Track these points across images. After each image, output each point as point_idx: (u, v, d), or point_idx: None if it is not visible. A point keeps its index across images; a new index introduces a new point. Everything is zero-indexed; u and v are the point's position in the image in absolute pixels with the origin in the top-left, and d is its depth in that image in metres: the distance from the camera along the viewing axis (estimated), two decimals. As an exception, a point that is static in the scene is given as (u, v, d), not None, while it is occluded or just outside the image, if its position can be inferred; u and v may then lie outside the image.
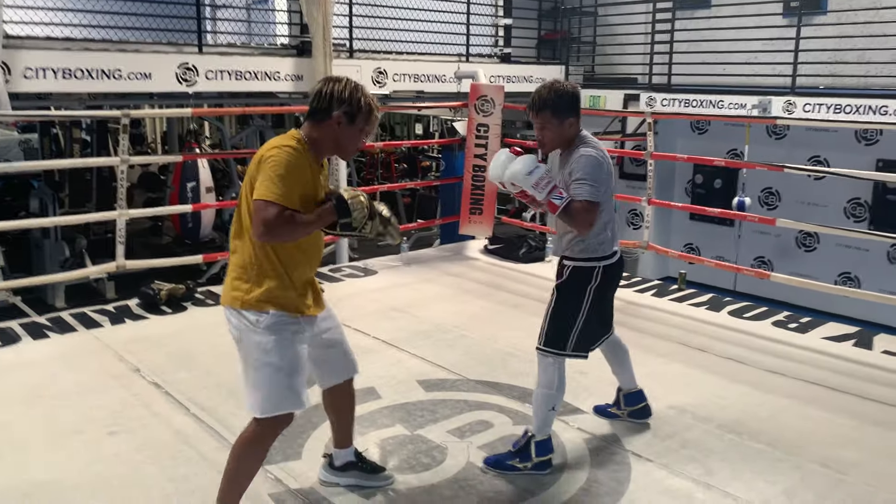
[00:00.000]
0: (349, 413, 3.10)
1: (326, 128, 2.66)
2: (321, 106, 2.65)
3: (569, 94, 3.15)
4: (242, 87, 6.99)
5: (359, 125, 2.69)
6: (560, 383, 3.22)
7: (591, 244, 3.19)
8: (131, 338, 4.85)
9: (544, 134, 3.18)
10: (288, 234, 2.57)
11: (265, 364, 2.62)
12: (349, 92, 2.66)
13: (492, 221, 7.23)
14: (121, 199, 5.57)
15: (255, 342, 2.62)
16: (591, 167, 3.05)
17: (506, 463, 3.25)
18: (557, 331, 3.21)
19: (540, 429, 3.24)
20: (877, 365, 4.58)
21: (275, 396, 2.63)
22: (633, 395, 3.68)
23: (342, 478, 3.15)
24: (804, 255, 9.06)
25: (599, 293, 3.22)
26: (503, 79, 8.80)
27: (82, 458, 3.36)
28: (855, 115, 7.31)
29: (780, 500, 3.10)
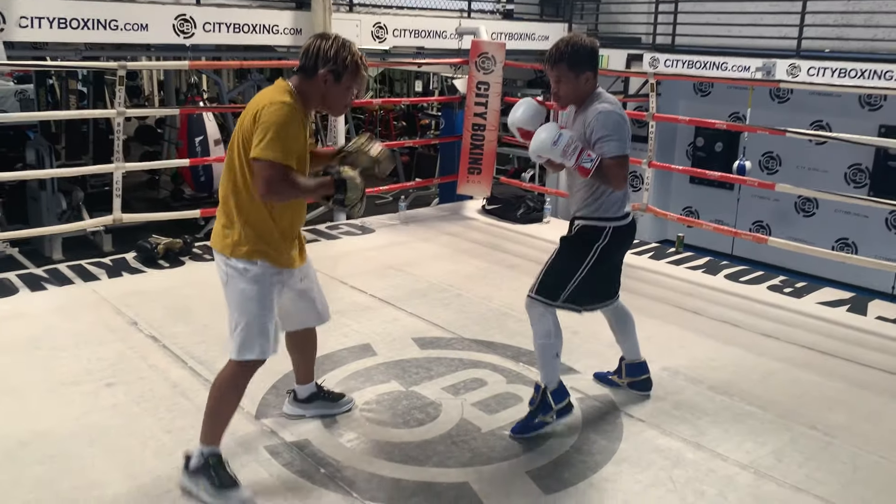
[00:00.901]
0: (312, 353, 3.28)
1: (314, 84, 2.71)
2: (308, 63, 2.70)
3: (587, 48, 3.11)
4: (240, 41, 6.90)
5: (345, 83, 2.73)
6: (556, 330, 3.23)
7: (604, 203, 3.16)
8: (129, 291, 4.87)
9: (560, 87, 3.14)
10: (288, 195, 2.67)
11: (245, 311, 2.76)
12: (335, 50, 2.68)
13: (490, 181, 7.20)
14: (117, 152, 5.53)
15: (239, 289, 2.76)
16: (612, 122, 3.04)
17: (532, 423, 3.25)
18: (553, 282, 3.21)
19: (549, 378, 3.25)
20: (870, 330, 4.61)
21: (250, 342, 2.77)
22: (635, 365, 3.63)
23: (307, 409, 3.34)
24: (802, 221, 9.05)
25: (606, 254, 3.20)
26: (505, 36, 8.68)
27: (79, 408, 3.39)
28: (860, 80, 7.23)
29: (769, 460, 3.15)
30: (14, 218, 8.53)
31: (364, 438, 3.21)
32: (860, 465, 3.15)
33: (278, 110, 2.58)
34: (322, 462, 3.03)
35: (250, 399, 3.48)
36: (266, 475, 2.93)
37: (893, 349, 4.34)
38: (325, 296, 3.19)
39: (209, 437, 2.80)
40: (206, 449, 2.78)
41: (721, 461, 3.13)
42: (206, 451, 2.78)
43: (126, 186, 5.94)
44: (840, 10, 8.07)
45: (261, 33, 6.94)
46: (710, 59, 8.29)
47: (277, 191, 2.60)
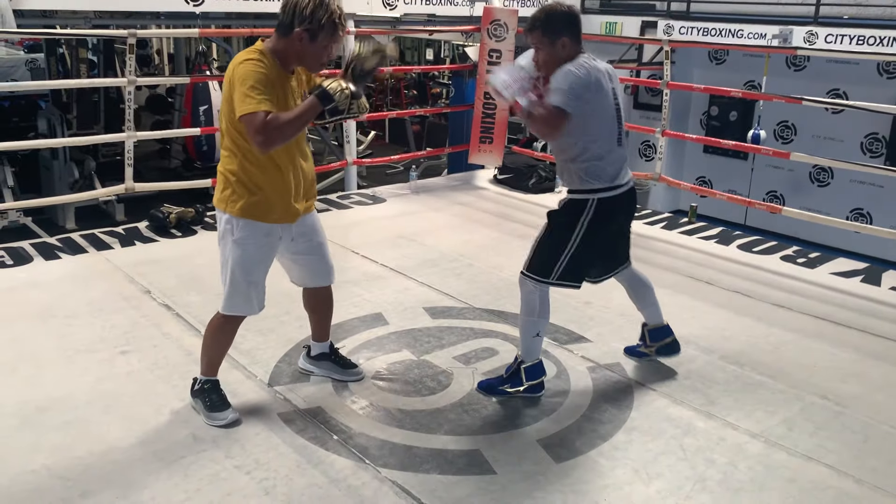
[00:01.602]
0: (326, 313, 3.36)
1: (290, 42, 2.72)
2: (286, 20, 2.70)
3: (562, 13, 3.08)
4: (250, 8, 6.82)
5: (321, 42, 2.73)
6: (542, 309, 3.22)
7: (582, 174, 3.10)
8: (141, 260, 4.89)
9: (538, 55, 3.11)
10: (282, 135, 2.67)
11: (231, 269, 2.91)
12: (312, 8, 2.66)
13: (502, 151, 7.16)
14: (129, 121, 5.53)
15: (227, 248, 2.90)
16: (567, 80, 2.97)
17: (497, 388, 3.32)
18: (543, 260, 3.19)
19: (527, 354, 3.28)
20: (884, 301, 4.58)
21: (234, 298, 2.97)
22: (657, 330, 3.59)
23: (317, 367, 3.44)
24: (817, 191, 8.95)
25: (595, 226, 3.12)
26: (517, 2, 8.56)
27: (95, 375, 3.43)
28: (878, 47, 7.09)
29: (780, 430, 3.15)
30: (27, 187, 8.56)
31: (376, 406, 3.24)
32: (871, 435, 3.15)
33: (245, 66, 2.64)
34: (335, 429, 3.06)
35: (263, 367, 3.52)
36: (279, 441, 2.96)
37: (907, 320, 4.31)
38: (334, 262, 3.22)
39: (205, 368, 3.11)
40: (203, 377, 3.11)
41: (731, 430, 3.14)
42: (202, 379, 3.11)
43: (138, 156, 5.94)
44: (860, -25, 7.90)
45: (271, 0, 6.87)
46: (725, 26, 8.13)
47: (271, 135, 2.61)
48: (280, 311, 4.09)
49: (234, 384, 3.37)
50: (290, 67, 2.80)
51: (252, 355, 3.64)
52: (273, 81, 2.68)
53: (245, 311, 3.02)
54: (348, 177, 7.44)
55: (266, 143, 2.62)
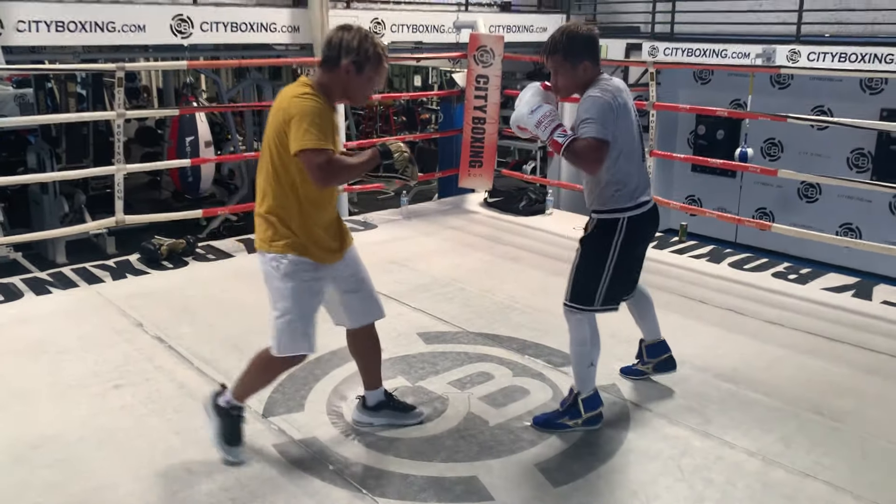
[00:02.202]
0: (374, 355, 3.24)
1: (336, 76, 2.76)
2: (331, 54, 2.75)
3: (582, 36, 3.05)
4: (238, 39, 6.90)
5: (367, 74, 2.78)
6: (593, 338, 3.17)
7: (611, 194, 3.09)
8: (133, 293, 4.87)
9: (557, 78, 3.10)
10: (341, 177, 2.77)
11: (281, 309, 2.84)
12: (358, 41, 2.73)
13: (491, 174, 7.19)
14: (118, 154, 5.53)
15: (275, 287, 2.86)
16: (595, 107, 2.95)
17: (556, 422, 3.22)
18: (584, 287, 3.15)
19: (583, 385, 3.19)
20: (876, 315, 4.60)
21: (287, 339, 2.85)
22: (655, 346, 3.59)
23: (375, 417, 3.28)
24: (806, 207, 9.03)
25: (626, 246, 3.12)
26: (503, 28, 8.67)
27: (87, 410, 3.40)
28: (860, 64, 7.20)
29: (777, 447, 3.15)
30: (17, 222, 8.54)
31: (372, 435, 3.22)
32: (868, 451, 3.15)
33: (304, 101, 2.66)
34: (330, 459, 3.03)
35: (257, 398, 3.49)
36: (275, 473, 2.93)
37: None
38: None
39: (239, 393, 2.99)
40: (234, 401, 2.98)
41: (729, 449, 3.13)
42: (234, 403, 2.98)
43: (128, 188, 5.94)
44: (839, -7, 8.04)
45: (258, 32, 6.94)
46: (709, 46, 8.26)
47: (331, 173, 2.66)
48: (273, 341, 4.08)
49: (228, 416, 3.34)
50: (333, 102, 2.82)
51: (246, 386, 3.61)
52: (328, 117, 2.72)
53: (302, 349, 2.88)
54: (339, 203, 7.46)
55: (326, 180, 2.68)
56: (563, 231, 6.40)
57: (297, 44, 7.32)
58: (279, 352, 2.87)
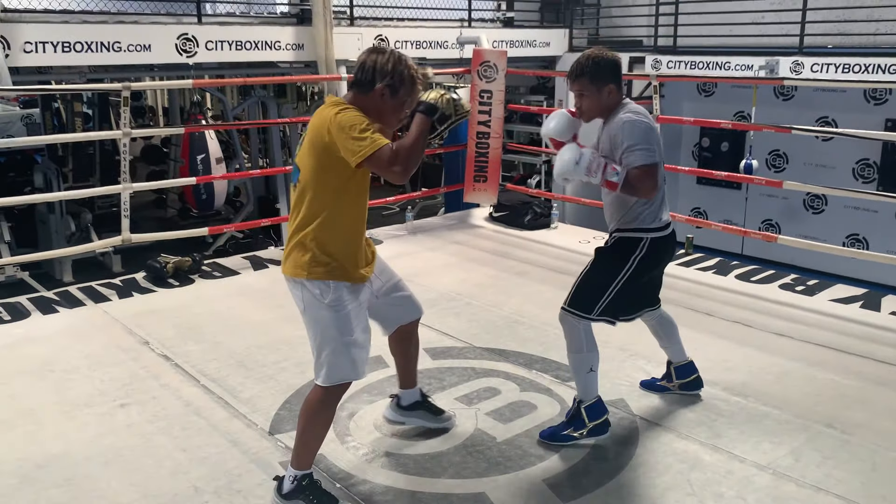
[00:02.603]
0: (415, 354, 3.24)
1: (370, 99, 2.70)
2: (365, 78, 2.69)
3: (608, 61, 3.11)
4: (243, 58, 6.93)
5: (402, 97, 2.72)
6: (589, 343, 3.18)
7: (638, 213, 3.12)
8: (139, 311, 4.88)
9: (582, 101, 3.14)
10: (415, 159, 2.62)
11: (329, 338, 2.72)
12: (392, 64, 2.68)
13: (496, 188, 7.20)
14: (124, 173, 5.56)
15: (319, 316, 2.73)
16: (637, 131, 3.00)
17: (561, 434, 3.21)
18: (587, 295, 3.17)
19: (584, 393, 3.19)
20: (884, 326, 4.57)
21: (337, 368, 2.74)
22: (683, 367, 3.61)
23: (408, 417, 3.32)
24: (812, 218, 9.01)
25: (644, 265, 3.15)
26: (506, 44, 8.69)
27: (94, 429, 3.40)
28: (864, 75, 7.20)
29: (787, 461, 3.12)
30: (24, 242, 8.58)
31: (379, 451, 3.20)
32: (879, 463, 3.12)
33: (345, 114, 2.60)
34: (337, 477, 3.02)
35: (264, 415, 3.49)
36: (282, 491, 2.92)
37: (909, 344, 4.30)
38: None
39: (300, 460, 2.80)
40: (299, 472, 2.78)
41: (739, 463, 3.11)
42: (299, 475, 2.78)
43: (134, 206, 5.96)
44: (841, 5, 8.04)
45: (263, 50, 6.97)
46: (712, 58, 8.27)
47: (407, 163, 2.57)
48: (280, 358, 4.08)
49: (234, 433, 3.34)
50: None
51: (252, 404, 3.61)
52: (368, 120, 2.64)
53: (351, 377, 2.78)
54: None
55: (405, 171, 2.59)
56: (569, 245, 6.39)
57: (302, 61, 7.36)
58: (330, 381, 2.74)
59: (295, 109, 10.59)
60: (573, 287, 3.22)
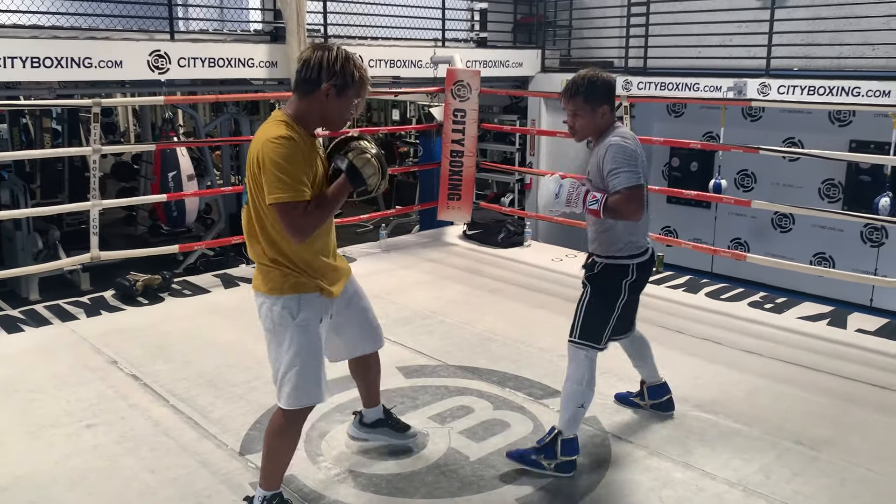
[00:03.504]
0: (376, 376, 3.23)
1: (314, 100, 2.57)
2: (310, 76, 2.55)
3: (604, 81, 3.15)
4: (216, 75, 6.90)
5: (349, 97, 2.60)
6: (591, 379, 3.16)
7: (625, 243, 3.15)
8: (108, 330, 4.80)
9: (576, 121, 3.17)
10: (316, 225, 2.57)
11: (299, 355, 2.65)
12: (341, 63, 2.54)
13: (470, 207, 7.22)
14: (94, 189, 5.49)
15: (287, 336, 2.65)
16: (620, 154, 3.01)
17: (530, 458, 3.17)
18: (592, 325, 3.18)
19: (568, 426, 3.15)
20: (851, 343, 4.65)
21: (301, 390, 2.67)
22: (656, 388, 3.66)
23: (372, 434, 3.30)
24: (780, 237, 9.15)
25: (634, 288, 3.22)
26: (479, 63, 8.77)
27: (60, 451, 3.33)
28: (828, 97, 7.36)
29: (757, 477, 3.15)
30: (-11, 259, 8.42)
31: (351, 471, 3.18)
32: (847, 479, 3.16)
33: (275, 147, 2.46)
34: (308, 497, 2.98)
35: (234, 435, 3.44)
36: (252, 513, 2.88)
37: (874, 361, 4.38)
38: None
39: (268, 481, 2.76)
40: (268, 493, 2.75)
41: (710, 480, 3.13)
42: (268, 495, 2.74)
43: (103, 223, 5.89)
44: (806, 29, 8.23)
45: (236, 67, 6.95)
46: (682, 80, 8.40)
47: (303, 228, 2.52)
48: (250, 377, 4.04)
49: (204, 454, 3.29)
50: (312, 130, 2.65)
51: (222, 423, 3.56)
52: (303, 155, 2.52)
53: (318, 399, 2.72)
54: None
55: (299, 236, 2.52)
56: (542, 263, 6.43)
57: (275, 78, 7.35)
58: (296, 404, 2.67)
59: (268, 127, 10.56)
60: (577, 319, 3.21)
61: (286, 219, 2.48)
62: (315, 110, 2.58)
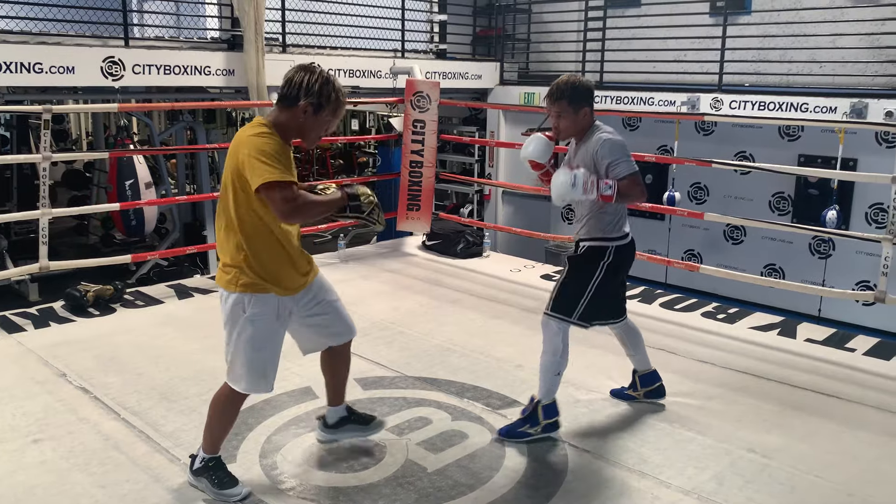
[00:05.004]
0: (344, 373, 3.33)
1: (293, 114, 2.80)
2: (290, 93, 2.79)
3: (584, 85, 3.41)
4: (171, 82, 6.80)
5: (324, 116, 2.83)
6: (564, 349, 3.41)
7: (607, 224, 3.41)
8: (57, 341, 4.68)
9: (560, 122, 3.41)
10: (306, 213, 2.78)
11: (240, 350, 2.88)
12: (319, 84, 2.78)
13: (429, 217, 7.23)
14: (43, 198, 5.36)
15: (238, 325, 2.86)
16: (617, 147, 3.31)
17: (517, 430, 3.43)
18: (567, 298, 3.42)
19: (546, 394, 3.41)
20: (800, 353, 4.76)
21: (248, 379, 2.91)
22: (647, 375, 3.87)
23: (339, 434, 3.39)
24: (732, 248, 9.33)
25: (611, 271, 3.44)
26: (439, 75, 8.81)
27: (4, 467, 3.22)
28: (778, 112, 7.57)
29: (711, 485, 3.20)
30: (-68, 269, 8.14)
31: (308, 485, 3.14)
32: (797, 486, 3.22)
33: (260, 139, 2.70)
34: (264, 511, 2.94)
35: (187, 449, 3.37)
36: (206, 528, 2.82)
37: (822, 370, 4.49)
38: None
39: (208, 445, 3.02)
40: (206, 455, 3.01)
41: (665, 488, 3.17)
42: (206, 457, 3.01)
43: (53, 233, 5.75)
44: (757, 46, 8.46)
45: (192, 75, 6.86)
46: (637, 94, 8.56)
47: (296, 207, 2.69)
48: (204, 389, 3.96)
49: (156, 469, 3.22)
50: (289, 139, 2.86)
51: (175, 437, 3.49)
52: (284, 153, 2.76)
53: (261, 389, 2.98)
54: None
55: (291, 214, 2.69)
56: (501, 273, 6.46)
57: (232, 87, 7.28)
58: (235, 384, 2.92)
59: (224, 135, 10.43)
60: (553, 293, 3.46)
61: (278, 196, 2.65)
62: (292, 123, 2.81)
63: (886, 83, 7.62)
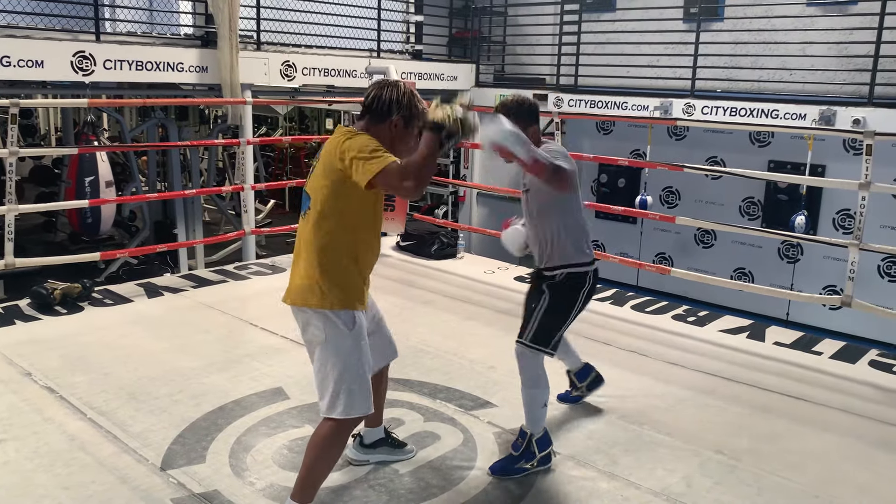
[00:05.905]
0: (384, 393, 3.29)
1: (384, 128, 2.81)
2: (381, 108, 2.81)
3: (532, 104, 3.40)
4: (143, 78, 6.71)
5: (412, 129, 2.85)
6: (545, 379, 3.32)
7: (576, 246, 3.34)
8: (22, 340, 4.59)
9: None
10: (426, 173, 2.60)
11: (349, 368, 2.74)
12: (407, 99, 2.83)
13: (404, 218, 7.22)
14: (10, 194, 5.26)
15: (343, 346, 2.74)
16: (559, 150, 3.26)
17: (514, 467, 3.28)
18: (546, 329, 3.32)
19: (535, 426, 3.30)
20: (768, 356, 4.83)
21: (357, 400, 2.75)
22: (581, 371, 3.91)
23: (372, 454, 3.31)
24: (702, 252, 9.45)
25: (587, 296, 3.40)
26: (414, 76, 8.80)
27: (-34, 468, 3.15)
28: (749, 118, 7.67)
29: (680, 487, 3.23)
30: None
31: (277, 486, 3.11)
32: (764, 487, 3.27)
33: (356, 137, 2.69)
34: (233, 513, 2.91)
35: (155, 450, 3.33)
36: (173, 530, 2.79)
37: (790, 373, 4.55)
38: (231, 335, 3.12)
39: (303, 495, 2.78)
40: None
41: (635, 489, 3.19)
42: None
43: (20, 229, 5.64)
44: (729, 52, 8.57)
45: (165, 71, 6.78)
46: (611, 98, 8.62)
47: (416, 177, 2.56)
48: (173, 390, 3.92)
49: (123, 470, 3.17)
50: None
51: (143, 438, 3.44)
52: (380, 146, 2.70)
53: (367, 410, 2.80)
54: (246, 247, 7.31)
55: (417, 185, 2.59)
56: (475, 275, 6.47)
57: (205, 84, 7.20)
58: (347, 413, 2.73)
59: (197, 133, 10.32)
60: (532, 322, 3.32)
61: (395, 177, 2.57)
62: (384, 136, 2.79)
63: (854, 91, 7.76)
